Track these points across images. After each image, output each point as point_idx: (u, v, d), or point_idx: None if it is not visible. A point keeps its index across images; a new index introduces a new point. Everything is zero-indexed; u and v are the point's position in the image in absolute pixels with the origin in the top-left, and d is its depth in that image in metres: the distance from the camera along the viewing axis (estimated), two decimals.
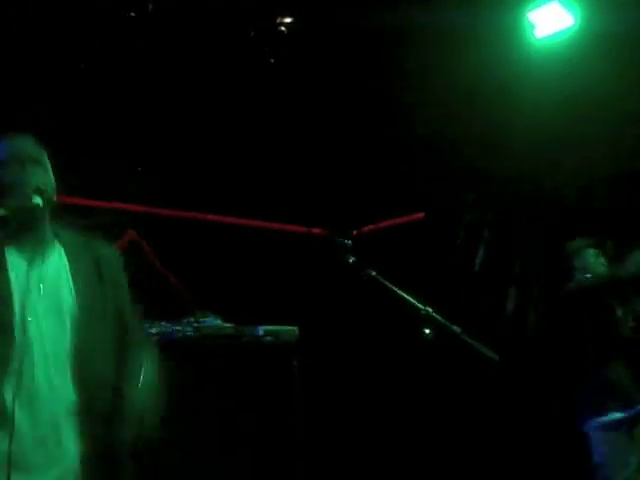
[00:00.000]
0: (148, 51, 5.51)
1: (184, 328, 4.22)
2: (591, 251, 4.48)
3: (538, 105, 5.55)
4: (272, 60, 6.07)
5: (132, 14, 5.39)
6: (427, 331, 2.54)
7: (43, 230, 2.49)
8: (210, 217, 5.68)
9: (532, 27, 5.58)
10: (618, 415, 4.28)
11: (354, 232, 5.57)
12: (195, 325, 4.28)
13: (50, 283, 2.44)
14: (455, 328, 2.62)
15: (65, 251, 2.52)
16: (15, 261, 2.41)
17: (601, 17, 5.24)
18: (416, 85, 5.95)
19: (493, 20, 5.52)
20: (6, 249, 2.43)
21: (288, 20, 5.94)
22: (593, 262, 4.47)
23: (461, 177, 6.06)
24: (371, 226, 5.94)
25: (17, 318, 2.32)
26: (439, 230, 6.03)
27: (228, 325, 4.40)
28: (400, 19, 5.53)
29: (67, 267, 2.49)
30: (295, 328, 4.53)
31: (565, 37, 5.50)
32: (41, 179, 2.50)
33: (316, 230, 5.62)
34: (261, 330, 4.44)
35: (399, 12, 5.47)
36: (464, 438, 5.44)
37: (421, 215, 6.20)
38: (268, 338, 4.44)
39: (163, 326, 4.14)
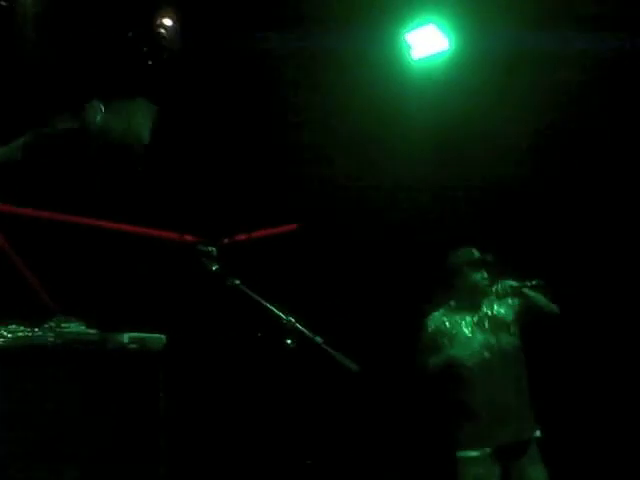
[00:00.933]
0: None
1: (45, 333, 4.08)
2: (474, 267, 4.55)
3: (414, 122, 5.70)
4: (150, 62, 6.01)
5: None
6: (289, 341, 2.55)
7: None
8: (78, 219, 5.52)
9: (409, 48, 5.73)
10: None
11: (225, 240, 5.53)
12: (57, 330, 4.14)
13: None
14: (317, 338, 2.64)
15: None
16: None
17: (475, 40, 5.43)
18: (297, 102, 6.02)
19: (371, 41, 5.64)
20: None
21: (168, 22, 5.90)
22: (477, 278, 4.53)
23: (334, 188, 6.16)
24: (243, 235, 5.93)
25: None
26: (312, 241, 6.08)
27: (92, 331, 4.29)
28: (282, 40, 5.61)
29: None
30: (162, 336, 4.46)
31: (441, 59, 5.67)
32: None
33: (188, 237, 5.56)
34: (126, 337, 4.34)
35: (280, 34, 5.55)
36: (325, 447, 5.51)
37: (294, 226, 6.23)
38: (133, 345, 4.34)
39: (21, 329, 3.98)
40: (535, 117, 5.39)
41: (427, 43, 5.70)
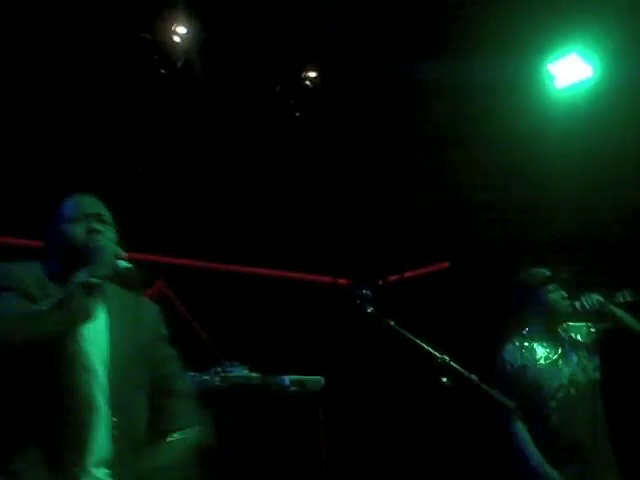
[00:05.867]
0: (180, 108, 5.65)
1: (212, 378, 4.28)
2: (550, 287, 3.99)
3: (561, 154, 5.62)
4: (297, 114, 6.21)
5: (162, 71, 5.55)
6: (445, 379, 2.58)
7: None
8: (236, 268, 5.76)
9: (552, 78, 5.69)
10: None
11: (379, 281, 5.61)
12: (222, 375, 4.33)
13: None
14: (473, 377, 2.66)
15: (107, 305, 2.57)
16: None
17: (619, 68, 5.32)
18: (440, 135, 6.05)
19: (515, 72, 5.62)
20: None
21: (313, 74, 6.08)
22: (556, 298, 3.97)
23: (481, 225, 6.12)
24: (396, 275, 5.99)
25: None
26: (463, 279, 6.06)
27: (255, 375, 4.46)
28: (425, 72, 5.66)
29: (106, 320, 2.56)
30: (320, 378, 4.58)
31: (584, 88, 5.59)
32: (115, 240, 2.60)
33: (341, 280, 5.68)
34: (287, 380, 4.49)
35: (426, 65, 5.59)
36: None
37: (445, 264, 6.25)
38: (294, 388, 4.49)
39: (191, 376, 4.20)
40: None
41: (570, 72, 5.63)
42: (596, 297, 3.90)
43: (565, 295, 3.96)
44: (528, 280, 4.06)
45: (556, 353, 3.99)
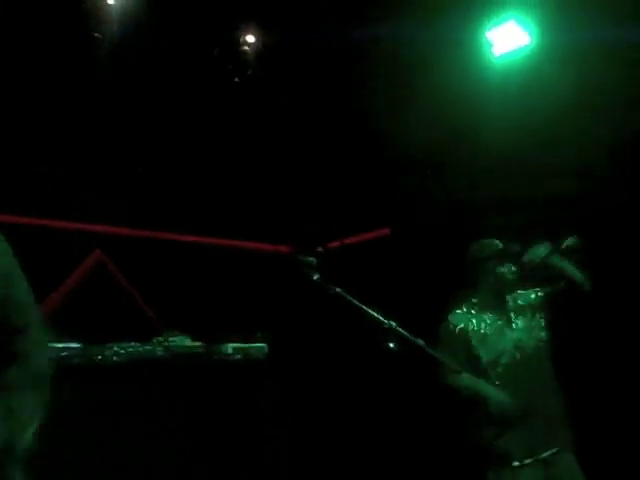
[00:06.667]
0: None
1: (154, 348, 4.26)
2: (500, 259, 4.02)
3: (497, 120, 5.66)
4: (236, 79, 6.15)
5: None
6: (391, 344, 2.61)
7: None
8: (177, 236, 5.71)
9: (490, 45, 5.72)
10: None
11: (320, 248, 5.62)
12: (164, 345, 4.31)
13: None
14: (419, 341, 2.69)
15: None
16: None
17: (556, 35, 5.37)
18: (378, 101, 6.05)
19: (453, 38, 5.64)
20: None
21: (251, 39, 6.04)
22: (505, 271, 4.01)
23: (422, 191, 6.16)
24: (337, 242, 6.02)
25: None
26: (404, 245, 6.11)
27: (197, 344, 4.45)
28: (363, 37, 5.64)
29: None
30: (264, 345, 4.59)
31: (522, 55, 5.64)
32: None
33: (283, 247, 5.68)
34: (230, 348, 4.49)
35: (365, 31, 5.57)
36: (427, 452, 5.50)
37: (387, 231, 6.29)
38: (237, 356, 4.49)
39: (132, 346, 4.17)
40: (622, 115, 5.23)
41: (508, 39, 5.67)
42: (542, 248, 3.97)
43: (514, 269, 4.03)
44: (479, 252, 4.12)
45: (502, 320, 4.05)
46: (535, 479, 3.84)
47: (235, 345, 4.50)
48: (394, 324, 2.69)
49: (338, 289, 2.73)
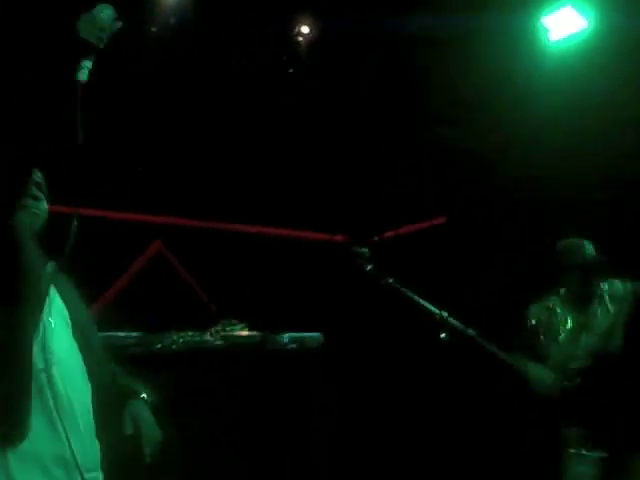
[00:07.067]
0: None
1: (212, 337, 4.33)
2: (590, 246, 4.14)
3: (552, 107, 5.60)
4: (290, 70, 6.19)
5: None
6: (443, 335, 2.62)
7: None
8: (234, 226, 5.78)
9: (546, 31, 5.65)
10: None
11: (375, 238, 5.63)
12: (222, 334, 4.38)
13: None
14: (470, 331, 2.70)
15: None
16: None
17: (614, 20, 5.28)
18: (435, 89, 6.02)
19: (508, 24, 5.58)
20: None
21: (305, 30, 6.06)
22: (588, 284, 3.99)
23: (477, 180, 6.11)
24: (392, 231, 6.01)
25: None
26: (460, 234, 6.07)
27: (254, 333, 4.51)
28: (416, 24, 5.61)
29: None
30: (319, 335, 4.63)
31: (578, 40, 5.56)
32: None
33: (338, 237, 5.70)
34: (286, 337, 4.54)
35: (412, 18, 5.55)
36: (483, 441, 5.46)
37: (442, 219, 6.26)
38: (293, 345, 4.54)
39: (190, 335, 4.24)
40: None
41: (564, 24, 5.59)
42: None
43: (597, 283, 3.97)
44: (566, 257, 4.04)
45: (581, 321, 4.00)
46: (596, 471, 3.83)
47: (291, 335, 4.55)
48: (446, 314, 2.71)
49: (391, 279, 2.76)
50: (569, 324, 3.97)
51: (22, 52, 4.89)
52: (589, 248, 3.99)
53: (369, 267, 2.75)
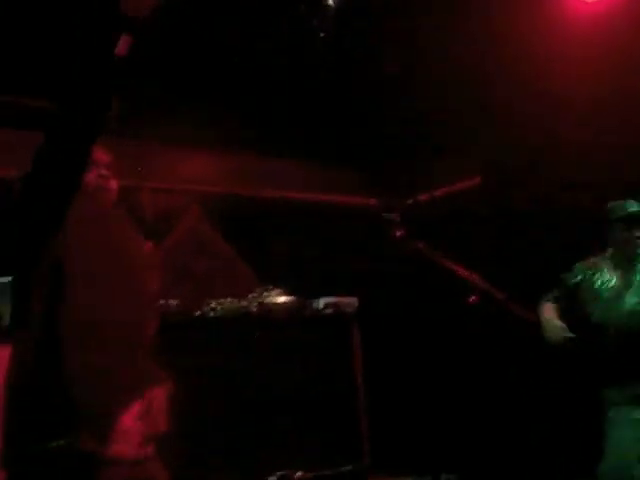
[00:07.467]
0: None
1: (249, 303, 4.41)
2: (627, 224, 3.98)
3: (586, 65, 5.51)
4: (322, 34, 6.16)
5: None
6: (473, 298, 2.65)
7: None
8: (269, 192, 5.81)
9: None
10: None
11: (409, 201, 5.64)
12: (259, 300, 4.46)
13: None
14: (500, 295, 2.73)
15: None
16: None
17: None
18: (468, 48, 5.95)
19: None
20: None
21: None
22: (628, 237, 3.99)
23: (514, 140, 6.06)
24: (426, 194, 6.00)
25: None
26: (495, 194, 6.04)
27: (291, 298, 4.58)
28: None
29: None
30: (354, 299, 4.69)
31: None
32: None
33: (372, 201, 5.70)
34: (322, 302, 4.61)
35: None
36: (520, 406, 5.46)
37: (478, 180, 6.23)
38: (329, 310, 4.61)
39: (229, 302, 4.33)
40: None
41: None
42: None
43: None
44: (610, 213, 4.09)
45: (625, 282, 4.01)
46: (638, 433, 3.83)
47: (327, 299, 4.62)
48: (476, 277, 2.74)
49: (420, 244, 2.79)
50: (613, 282, 3.99)
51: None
52: (633, 204, 4.03)
53: (399, 232, 2.78)
